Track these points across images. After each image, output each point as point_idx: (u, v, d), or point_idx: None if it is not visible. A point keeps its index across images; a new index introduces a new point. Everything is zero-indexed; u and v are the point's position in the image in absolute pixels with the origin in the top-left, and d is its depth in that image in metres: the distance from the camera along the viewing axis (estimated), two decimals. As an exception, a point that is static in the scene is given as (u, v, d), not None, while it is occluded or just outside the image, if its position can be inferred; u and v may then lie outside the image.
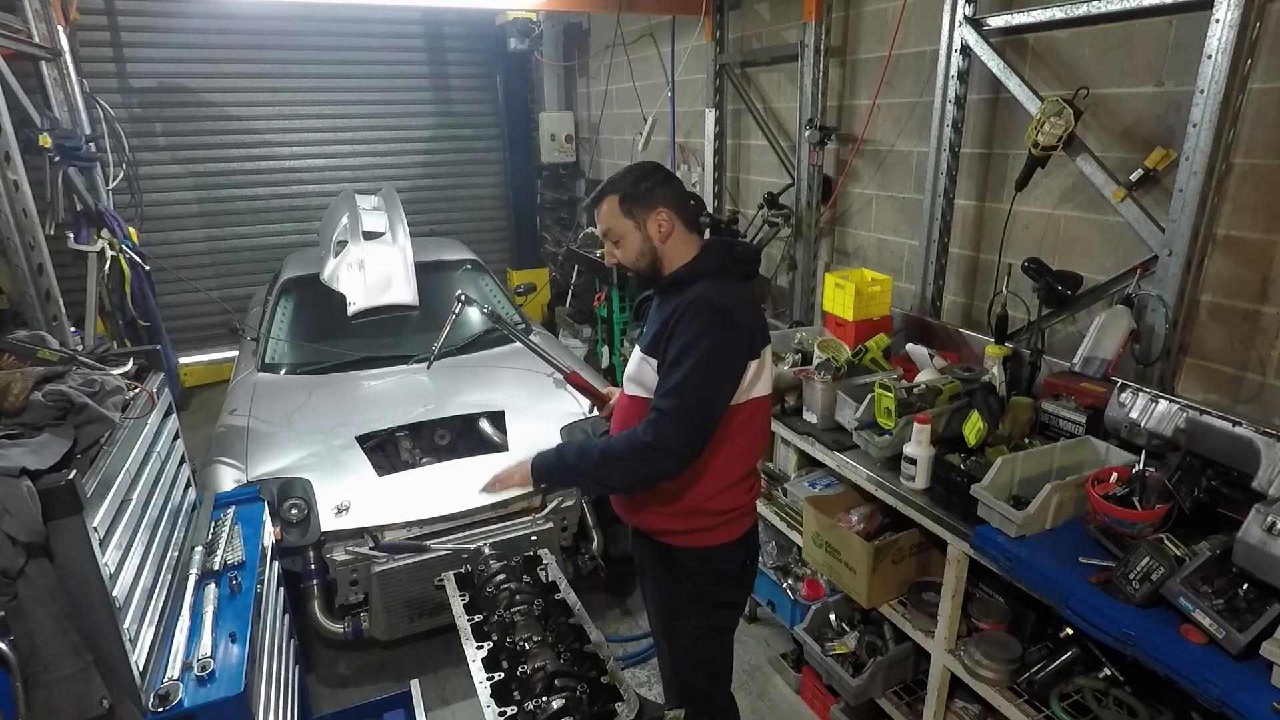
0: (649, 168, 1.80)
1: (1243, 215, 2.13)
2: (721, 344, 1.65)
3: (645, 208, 1.74)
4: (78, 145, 4.06)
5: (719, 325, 1.65)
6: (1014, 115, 2.75)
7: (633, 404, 1.83)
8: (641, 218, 1.74)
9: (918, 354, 2.66)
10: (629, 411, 1.83)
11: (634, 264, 1.79)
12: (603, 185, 1.80)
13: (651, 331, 1.77)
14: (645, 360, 1.76)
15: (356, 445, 3.05)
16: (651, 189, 1.75)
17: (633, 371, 1.83)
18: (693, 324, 1.64)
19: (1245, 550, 1.49)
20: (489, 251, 6.84)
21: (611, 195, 1.76)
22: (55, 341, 1.80)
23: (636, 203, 1.74)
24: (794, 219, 3.86)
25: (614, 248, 1.81)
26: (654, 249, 1.77)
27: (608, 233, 1.79)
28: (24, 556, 1.30)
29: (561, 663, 1.87)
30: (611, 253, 1.83)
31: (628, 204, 1.75)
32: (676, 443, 1.63)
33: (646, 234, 1.75)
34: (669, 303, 1.75)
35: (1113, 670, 1.84)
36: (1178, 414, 1.89)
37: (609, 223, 1.78)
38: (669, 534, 1.85)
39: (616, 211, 1.76)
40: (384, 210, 4.11)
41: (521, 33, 5.82)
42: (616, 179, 1.78)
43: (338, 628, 2.75)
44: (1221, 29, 1.99)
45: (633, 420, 1.77)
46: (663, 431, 1.62)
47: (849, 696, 2.41)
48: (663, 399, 1.65)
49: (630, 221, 1.75)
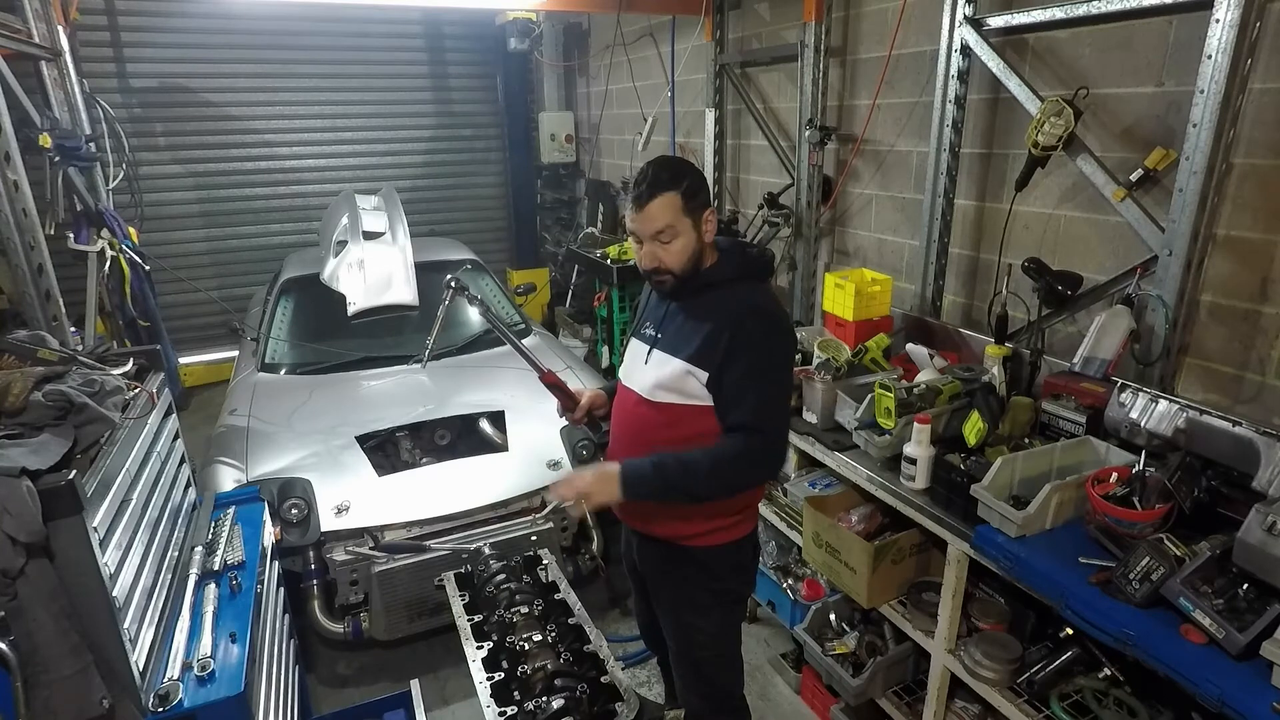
0: (688, 162, 1.77)
1: (1243, 215, 2.13)
2: (787, 352, 1.75)
3: (702, 205, 1.70)
4: (78, 145, 4.06)
5: (782, 332, 1.72)
6: (1014, 115, 2.75)
7: (660, 412, 1.78)
8: (699, 216, 1.70)
9: (918, 354, 2.66)
10: (650, 421, 1.79)
11: (681, 266, 1.71)
12: (650, 181, 1.68)
13: (694, 342, 1.71)
14: (692, 372, 1.71)
15: (356, 445, 3.05)
16: (702, 185, 1.72)
17: (667, 380, 1.75)
18: (762, 336, 1.67)
19: (1245, 550, 1.49)
20: (489, 251, 6.83)
21: (673, 192, 1.67)
22: (55, 341, 1.80)
23: (696, 199, 1.69)
24: (794, 219, 3.86)
25: (661, 248, 1.70)
26: (701, 250, 1.73)
27: (662, 232, 1.68)
28: (24, 556, 1.30)
29: (561, 663, 1.87)
30: (654, 254, 1.71)
31: (690, 200, 1.68)
32: (777, 451, 1.74)
33: (699, 234, 1.71)
34: (707, 305, 1.73)
35: (1113, 670, 1.84)
36: (1178, 414, 1.89)
37: (667, 220, 1.67)
38: (691, 537, 1.84)
39: (679, 209, 1.67)
40: (384, 210, 4.11)
41: (521, 33, 5.82)
42: (667, 174, 1.68)
43: (338, 628, 2.75)
44: (1221, 29, 1.99)
45: (655, 430, 1.77)
46: (766, 443, 1.70)
47: (849, 696, 2.41)
48: (753, 413, 1.67)
49: (690, 220, 1.69)
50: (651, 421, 1.79)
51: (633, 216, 1.71)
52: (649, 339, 1.84)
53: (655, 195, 1.66)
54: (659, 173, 1.68)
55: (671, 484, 1.71)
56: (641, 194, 1.68)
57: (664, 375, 1.76)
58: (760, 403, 1.67)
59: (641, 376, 1.83)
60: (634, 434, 1.86)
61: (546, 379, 2.15)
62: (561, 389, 2.12)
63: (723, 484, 1.72)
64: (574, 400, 2.12)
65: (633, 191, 1.70)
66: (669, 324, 1.81)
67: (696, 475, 1.69)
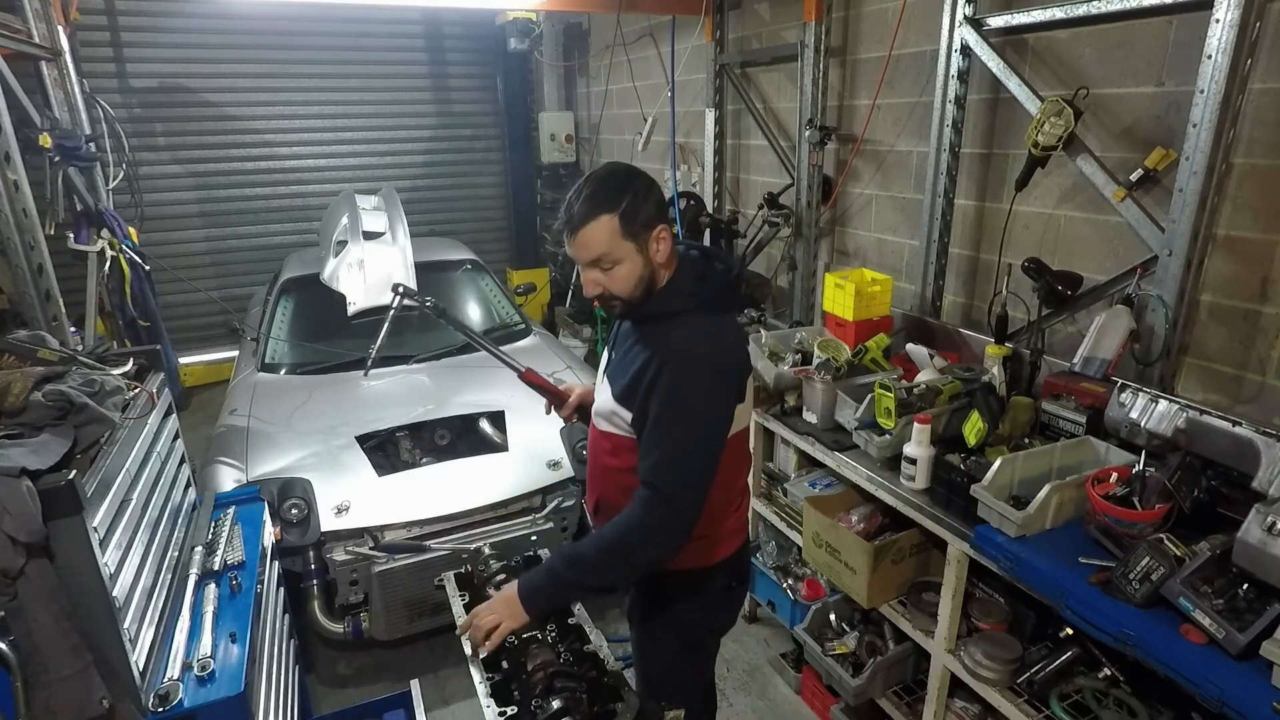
0: (631, 172, 1.53)
1: (1243, 215, 2.13)
2: (708, 401, 1.51)
3: (646, 225, 1.48)
4: (78, 145, 4.06)
5: (704, 378, 1.50)
6: (1014, 115, 2.75)
7: (605, 439, 1.67)
8: (644, 238, 1.49)
9: (918, 354, 2.66)
10: (600, 447, 1.71)
11: (629, 292, 1.52)
12: (583, 201, 1.46)
13: (624, 376, 1.56)
14: (617, 411, 1.58)
15: (356, 445, 3.05)
16: (647, 199, 1.49)
17: (603, 409, 1.64)
18: (675, 383, 1.47)
19: (1245, 550, 1.49)
20: (489, 251, 6.83)
21: (607, 214, 1.45)
22: (55, 341, 1.80)
23: (636, 220, 1.47)
24: (794, 219, 3.86)
25: (602, 275, 1.51)
26: (652, 273, 1.53)
27: (599, 259, 1.49)
28: (24, 556, 1.30)
29: (561, 663, 1.87)
30: (596, 281, 1.52)
31: (629, 223, 1.46)
32: (677, 518, 1.48)
33: (647, 257, 1.51)
34: (645, 339, 1.56)
35: (1113, 670, 1.84)
36: (1178, 414, 1.89)
37: (605, 247, 1.47)
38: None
39: (616, 233, 1.46)
40: (384, 210, 4.11)
41: (521, 33, 5.81)
42: (603, 192, 1.47)
43: (338, 628, 2.75)
44: (1221, 29, 1.99)
45: (602, 455, 1.68)
46: (662, 510, 1.47)
47: (849, 696, 2.41)
48: (653, 471, 1.48)
49: (632, 244, 1.48)
50: (600, 446, 1.70)
51: (568, 244, 1.52)
52: (607, 356, 1.71)
53: (588, 220, 1.46)
54: (592, 191, 1.47)
55: (566, 582, 1.54)
56: (572, 218, 1.47)
57: (602, 405, 1.65)
58: (663, 459, 1.47)
59: (597, 395, 1.72)
60: (591, 454, 1.77)
61: (526, 377, 2.05)
62: (544, 387, 2.02)
63: (622, 563, 1.51)
64: (560, 397, 2.00)
65: (563, 214, 1.51)
66: (620, 346, 1.65)
67: (585, 563, 1.52)
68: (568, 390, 2.00)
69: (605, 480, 1.72)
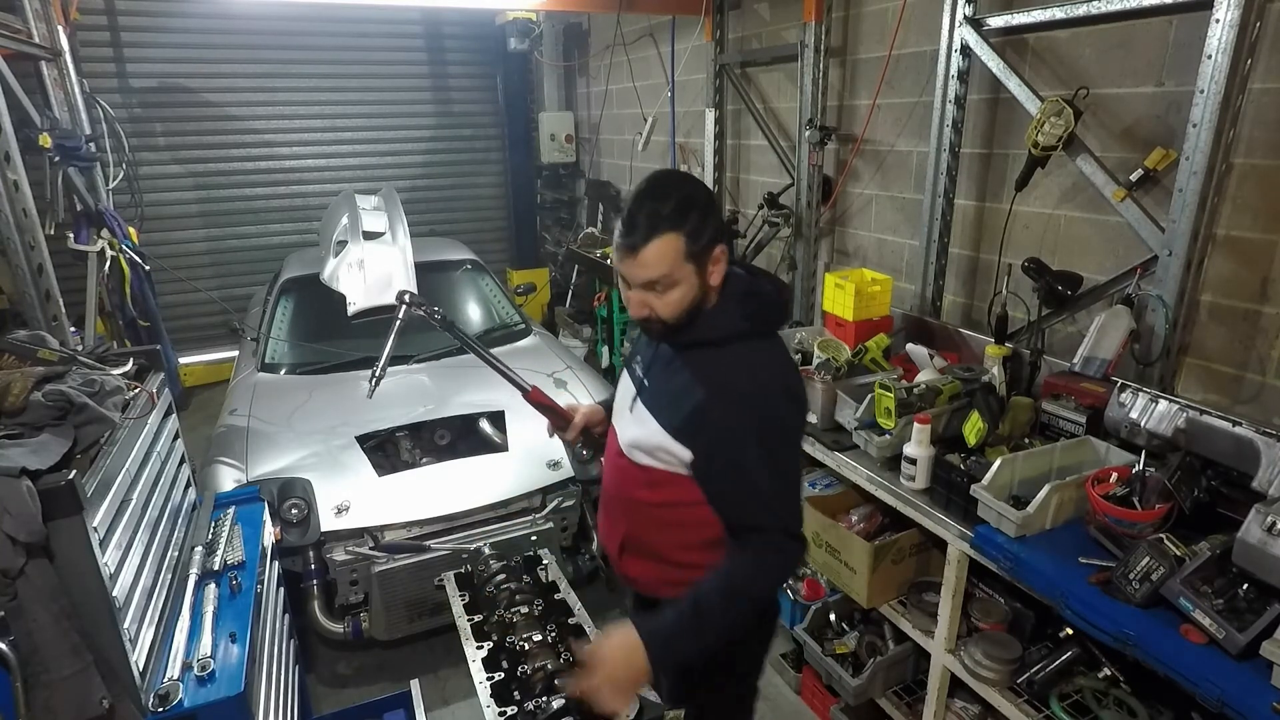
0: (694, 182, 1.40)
1: (1243, 215, 2.13)
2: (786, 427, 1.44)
3: (710, 245, 1.36)
4: (78, 145, 4.06)
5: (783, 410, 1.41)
6: (1014, 115, 2.75)
7: (641, 472, 1.52)
8: (704, 260, 1.36)
9: (918, 354, 2.66)
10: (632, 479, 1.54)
11: (677, 316, 1.38)
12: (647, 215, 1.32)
13: (675, 411, 1.43)
14: (671, 447, 1.44)
15: (356, 445, 3.05)
16: (710, 215, 1.36)
17: (645, 444, 1.48)
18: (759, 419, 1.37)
19: (1245, 550, 1.49)
20: (489, 251, 6.83)
21: (673, 232, 1.31)
22: (55, 341, 1.80)
23: (701, 239, 1.34)
24: (794, 219, 3.86)
25: (653, 297, 1.37)
26: (704, 296, 1.40)
27: (657, 281, 1.34)
28: (24, 556, 1.30)
29: (561, 663, 1.87)
30: (645, 303, 1.38)
31: (694, 243, 1.33)
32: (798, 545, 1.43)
33: (704, 279, 1.38)
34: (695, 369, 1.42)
35: (1113, 670, 1.84)
36: (1178, 414, 1.89)
37: (666, 269, 1.33)
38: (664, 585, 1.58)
39: (680, 254, 1.32)
40: (384, 210, 4.11)
41: (521, 33, 5.82)
42: (668, 205, 1.32)
43: (338, 628, 2.75)
44: (1221, 29, 1.99)
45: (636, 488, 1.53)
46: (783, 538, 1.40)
47: (849, 696, 2.41)
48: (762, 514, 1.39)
49: (693, 266, 1.35)
50: (633, 479, 1.54)
51: (622, 259, 1.36)
52: (637, 380, 1.57)
53: (652, 237, 1.31)
54: (657, 205, 1.32)
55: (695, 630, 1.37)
56: (635, 237, 1.32)
57: (643, 438, 1.49)
58: (770, 498, 1.40)
59: (623, 426, 1.57)
60: (617, 485, 1.62)
61: (532, 397, 1.90)
62: (550, 407, 1.89)
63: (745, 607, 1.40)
64: (565, 418, 1.86)
65: (622, 228, 1.35)
66: (656, 369, 1.52)
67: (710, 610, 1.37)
68: (572, 410, 1.87)
69: (637, 515, 1.57)
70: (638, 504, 1.56)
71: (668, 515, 1.51)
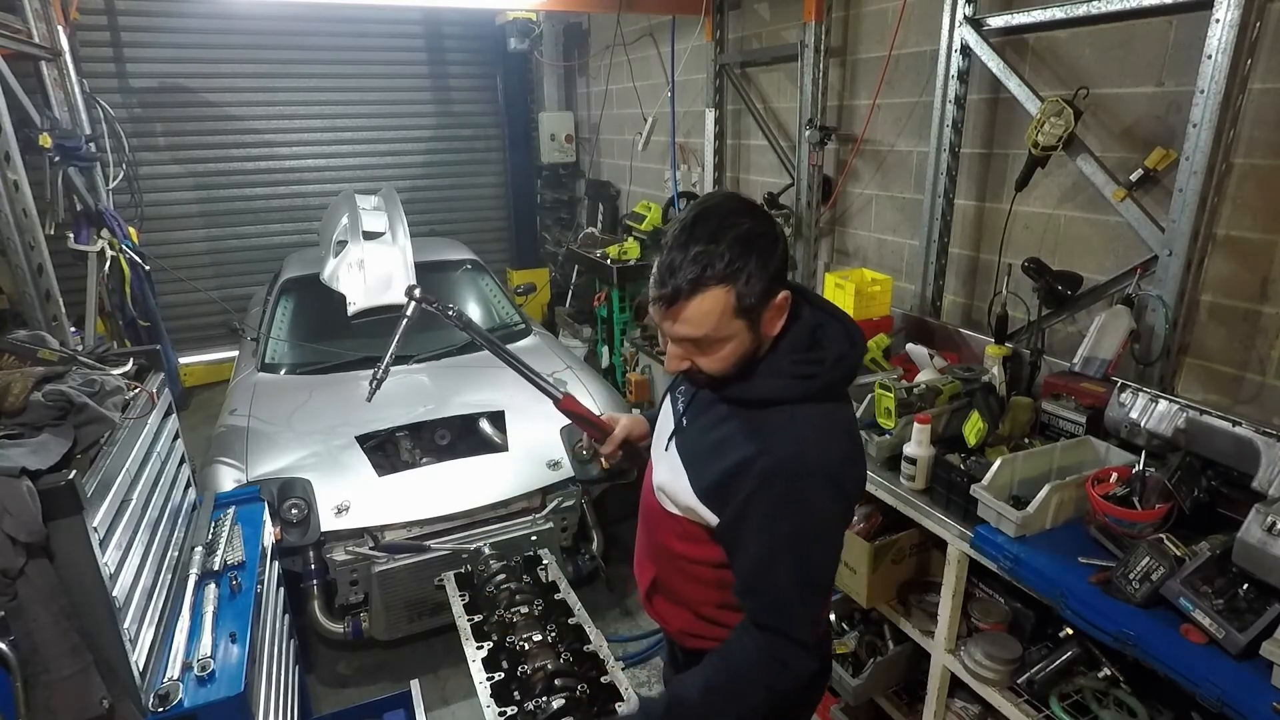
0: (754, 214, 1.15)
1: (1243, 215, 2.13)
2: (826, 526, 1.23)
3: (767, 295, 1.14)
4: (78, 145, 4.06)
5: (821, 499, 1.19)
6: (1014, 115, 2.75)
7: (674, 522, 1.39)
8: (759, 311, 1.14)
9: (918, 354, 2.66)
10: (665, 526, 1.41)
11: (722, 372, 1.19)
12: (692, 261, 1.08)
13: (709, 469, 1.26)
14: (698, 510, 1.29)
15: (356, 445, 3.06)
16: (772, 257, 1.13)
17: (672, 493, 1.35)
18: (785, 505, 1.17)
19: (1245, 550, 1.49)
20: (489, 251, 6.83)
21: (722, 287, 1.09)
22: (55, 341, 1.80)
23: (757, 291, 1.12)
24: (794, 219, 3.86)
25: (698, 353, 1.18)
26: (757, 349, 1.20)
27: (699, 340, 1.15)
28: (24, 556, 1.30)
29: (561, 663, 1.87)
30: (685, 358, 1.20)
31: (748, 298, 1.11)
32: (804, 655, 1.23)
33: (759, 332, 1.17)
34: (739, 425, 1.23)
35: (1113, 670, 1.84)
36: (1178, 414, 1.89)
37: (710, 328, 1.12)
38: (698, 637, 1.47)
39: (729, 312, 1.11)
40: (384, 210, 4.11)
41: (521, 33, 5.81)
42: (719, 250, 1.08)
43: (338, 628, 2.75)
44: (1221, 29, 1.99)
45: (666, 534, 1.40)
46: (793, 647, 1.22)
47: (849, 696, 2.40)
48: (767, 612, 1.23)
49: (744, 322, 1.14)
50: (665, 526, 1.41)
51: (659, 311, 1.15)
52: (676, 416, 1.39)
53: (697, 292, 1.09)
54: (702, 250, 1.08)
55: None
56: (674, 285, 1.10)
57: (671, 489, 1.35)
58: (779, 597, 1.22)
59: (658, 462, 1.42)
60: (650, 524, 1.48)
61: (564, 405, 1.72)
62: (585, 416, 1.70)
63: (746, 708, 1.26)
64: (603, 429, 1.65)
65: (657, 275, 1.12)
66: (697, 408, 1.34)
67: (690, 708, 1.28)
68: (611, 421, 1.67)
69: (668, 564, 1.45)
70: (668, 552, 1.43)
71: (700, 572, 1.39)
